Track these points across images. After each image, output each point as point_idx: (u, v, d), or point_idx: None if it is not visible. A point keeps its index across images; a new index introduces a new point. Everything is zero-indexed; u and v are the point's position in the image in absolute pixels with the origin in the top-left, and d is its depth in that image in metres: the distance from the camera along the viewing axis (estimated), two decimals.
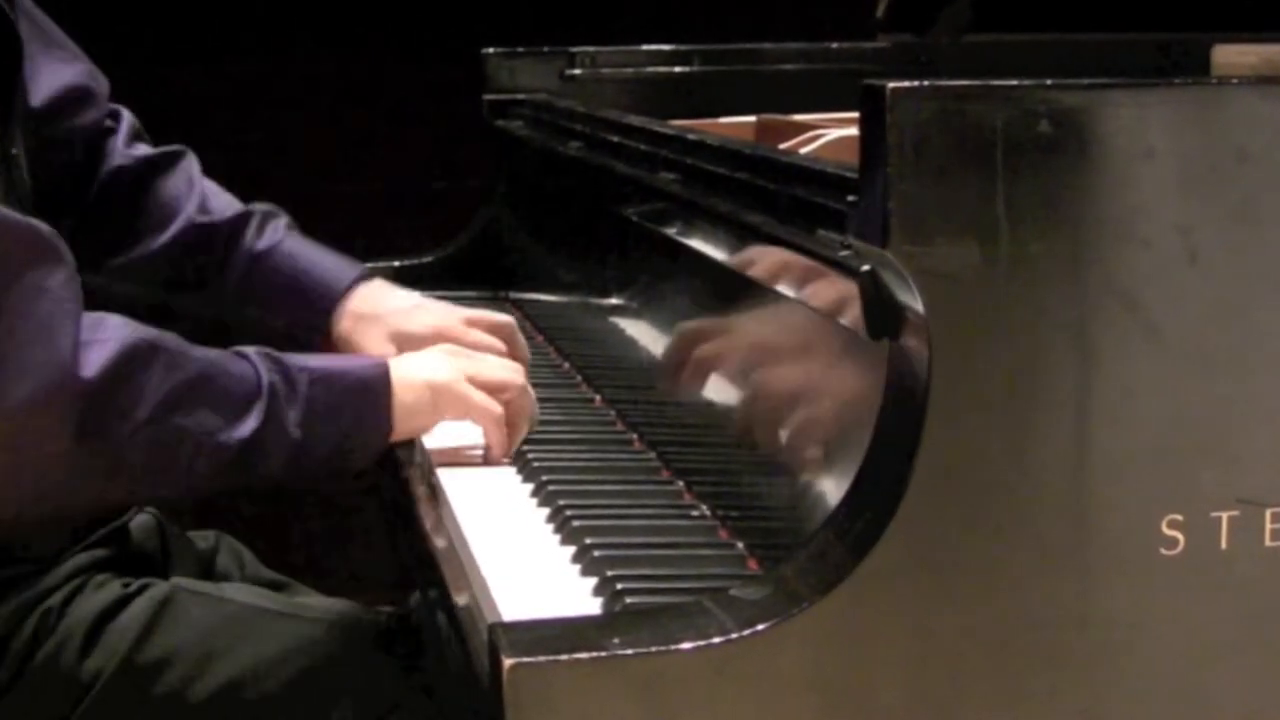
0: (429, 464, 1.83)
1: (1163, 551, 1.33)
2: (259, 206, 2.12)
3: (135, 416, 1.59)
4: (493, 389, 1.82)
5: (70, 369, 1.55)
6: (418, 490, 1.81)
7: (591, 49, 2.81)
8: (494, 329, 2.01)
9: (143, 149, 2.16)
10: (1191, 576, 1.34)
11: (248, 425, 1.65)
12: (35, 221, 1.62)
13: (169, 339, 1.65)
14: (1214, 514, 1.34)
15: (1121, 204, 1.31)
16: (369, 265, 2.70)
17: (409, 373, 1.77)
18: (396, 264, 2.74)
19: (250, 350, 1.70)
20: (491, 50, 2.83)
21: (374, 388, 1.74)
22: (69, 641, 1.77)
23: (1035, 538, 1.32)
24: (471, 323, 2.01)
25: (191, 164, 2.17)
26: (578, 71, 2.80)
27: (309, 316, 2.02)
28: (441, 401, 1.78)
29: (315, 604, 1.92)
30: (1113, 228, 1.31)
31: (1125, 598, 1.34)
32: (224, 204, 2.13)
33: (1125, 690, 1.36)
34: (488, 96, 2.82)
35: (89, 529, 1.89)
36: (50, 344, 1.55)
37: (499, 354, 1.94)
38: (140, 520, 1.95)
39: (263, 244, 2.07)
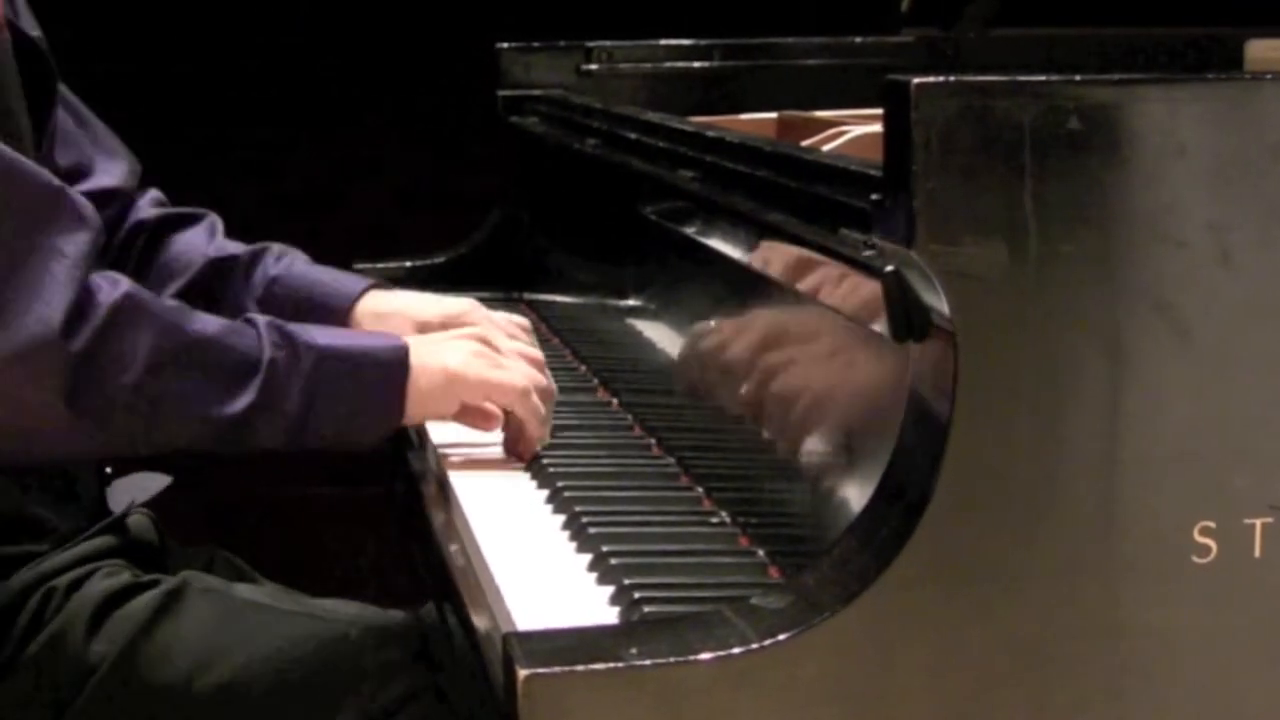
0: (442, 469, 1.81)
1: (1194, 559, 1.32)
2: (276, 245, 2.13)
3: (121, 381, 1.59)
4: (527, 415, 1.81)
5: (58, 334, 1.56)
6: (430, 496, 1.80)
7: (609, 43, 2.80)
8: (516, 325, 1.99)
9: (163, 210, 2.17)
10: (1224, 585, 1.32)
11: (241, 401, 1.64)
12: (65, 187, 1.65)
13: (166, 306, 1.65)
14: (1247, 521, 1.32)
15: (1153, 202, 1.29)
16: (380, 265, 2.70)
17: (428, 357, 1.74)
18: (409, 264, 2.73)
19: (260, 320, 1.70)
20: (506, 45, 2.82)
21: (389, 370, 1.71)
22: (74, 624, 1.77)
23: (1064, 545, 1.30)
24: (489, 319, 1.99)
25: (215, 221, 2.17)
26: (595, 66, 2.79)
27: (327, 323, 2.00)
28: (457, 390, 1.76)
29: (324, 604, 1.91)
30: (1143, 227, 1.29)
31: (1156, 607, 1.33)
32: (241, 245, 2.14)
33: (1155, 702, 1.34)
34: (502, 92, 2.81)
35: (91, 520, 1.90)
36: (47, 305, 1.56)
37: (523, 350, 1.91)
38: (136, 519, 1.94)
39: (277, 269, 2.07)
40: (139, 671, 1.75)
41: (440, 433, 1.89)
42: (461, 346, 1.79)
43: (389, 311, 2.00)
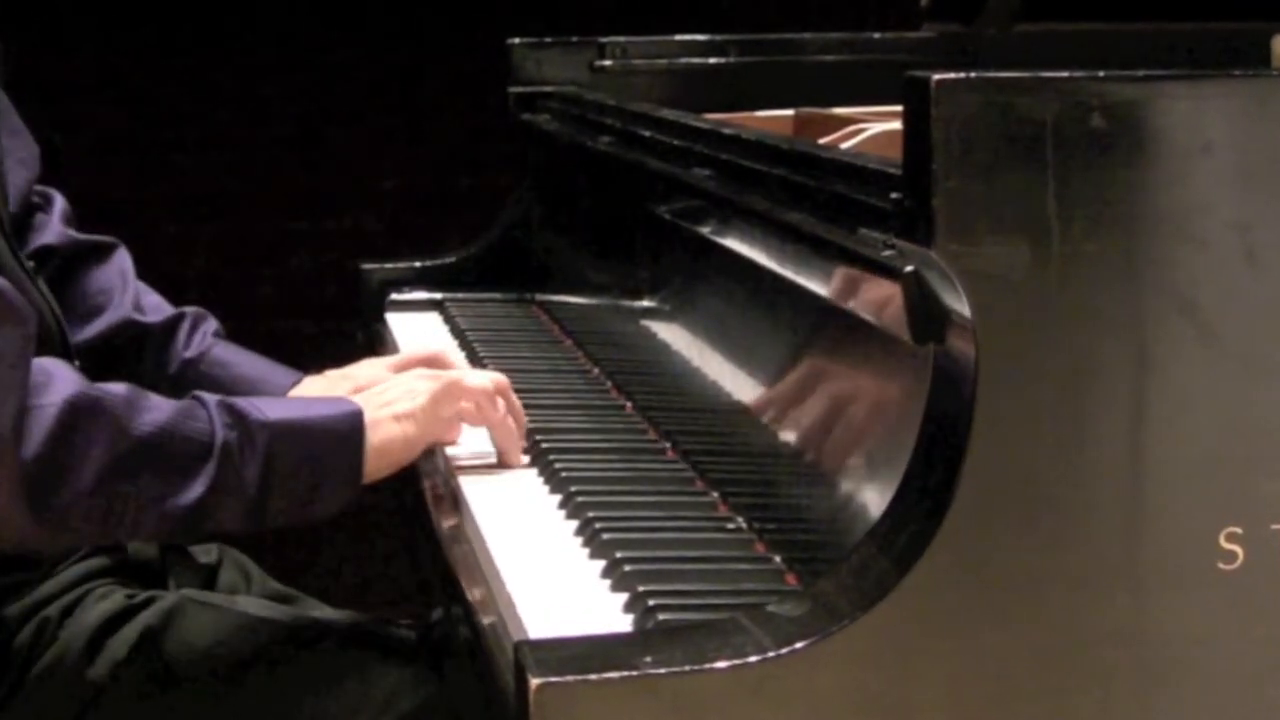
0: (451, 473, 1.81)
1: (1220, 566, 1.30)
2: (189, 310, 2.10)
3: (77, 485, 1.56)
4: (478, 395, 1.79)
5: (10, 443, 1.52)
6: (439, 501, 1.79)
7: (622, 39, 2.80)
8: (427, 361, 1.95)
9: (73, 234, 2.11)
10: (1250, 592, 1.31)
11: (195, 490, 1.61)
12: None
13: (117, 396, 1.60)
14: (1275, 526, 1.31)
15: (1177, 201, 1.29)
16: (389, 265, 2.68)
17: (378, 410, 1.72)
18: (418, 264, 2.72)
19: (210, 401, 1.65)
20: (518, 41, 2.81)
21: (343, 437, 1.68)
22: (69, 651, 1.76)
23: (1087, 551, 1.29)
24: (402, 366, 1.95)
25: (124, 258, 2.13)
26: (608, 63, 2.79)
27: None
28: (412, 434, 1.73)
29: (326, 616, 1.90)
30: (1168, 226, 1.29)
31: (1181, 614, 1.32)
32: (155, 304, 2.10)
33: (1179, 711, 1.33)
34: (514, 89, 2.81)
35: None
36: None
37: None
38: None
39: (191, 351, 2.05)
40: (138, 696, 1.75)
41: None
42: (415, 388, 1.77)
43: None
